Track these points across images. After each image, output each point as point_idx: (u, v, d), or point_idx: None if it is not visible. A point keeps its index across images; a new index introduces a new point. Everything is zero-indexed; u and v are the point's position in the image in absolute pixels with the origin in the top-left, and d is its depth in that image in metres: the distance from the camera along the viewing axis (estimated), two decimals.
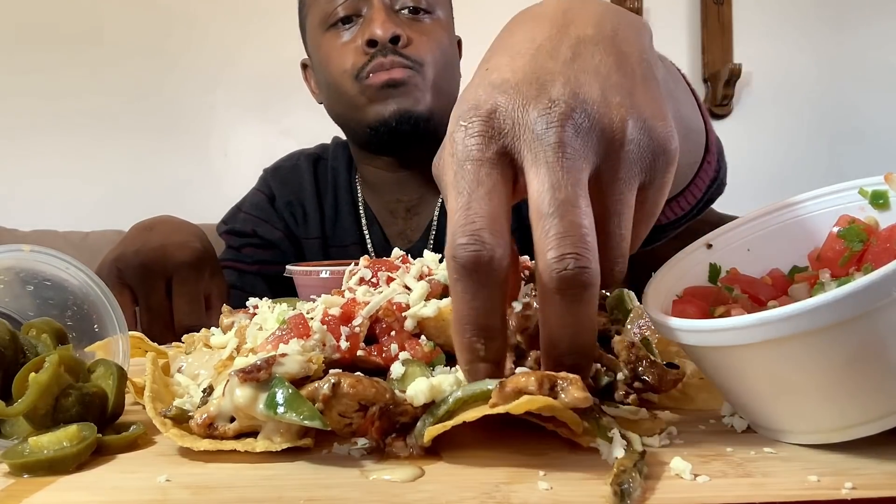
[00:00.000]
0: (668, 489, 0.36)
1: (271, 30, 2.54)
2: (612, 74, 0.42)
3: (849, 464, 0.38)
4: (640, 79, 0.43)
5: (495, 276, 0.38)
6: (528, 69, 0.41)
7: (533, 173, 0.39)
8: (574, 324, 0.39)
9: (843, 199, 0.50)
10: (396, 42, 1.12)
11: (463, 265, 0.38)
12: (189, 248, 0.93)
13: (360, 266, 0.59)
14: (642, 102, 0.41)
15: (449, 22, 1.25)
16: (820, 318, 0.35)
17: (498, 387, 0.40)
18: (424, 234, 1.28)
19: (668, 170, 0.43)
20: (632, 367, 0.50)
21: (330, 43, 1.19)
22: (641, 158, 0.41)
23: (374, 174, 1.30)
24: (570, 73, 0.41)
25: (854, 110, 2.66)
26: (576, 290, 0.37)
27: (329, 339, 0.50)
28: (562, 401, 0.39)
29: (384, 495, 0.37)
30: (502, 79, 0.41)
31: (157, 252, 0.90)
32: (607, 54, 0.42)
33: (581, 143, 0.39)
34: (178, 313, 0.88)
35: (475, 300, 0.39)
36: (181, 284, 0.89)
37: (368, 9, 1.15)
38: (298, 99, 2.64)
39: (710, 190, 0.81)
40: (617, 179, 0.40)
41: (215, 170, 2.59)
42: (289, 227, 1.33)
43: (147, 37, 2.59)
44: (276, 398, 0.42)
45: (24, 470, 0.42)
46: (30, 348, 0.52)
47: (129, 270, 0.89)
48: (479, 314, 0.39)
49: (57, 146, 2.59)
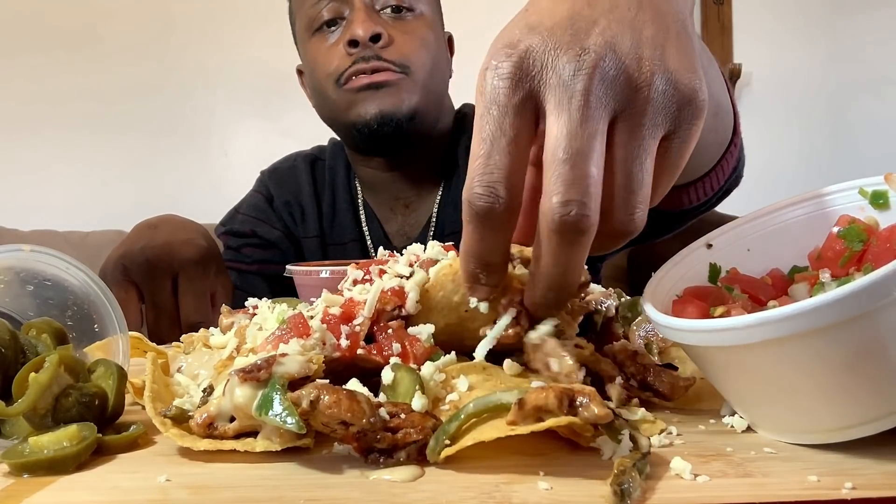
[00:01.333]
0: (668, 489, 0.36)
1: (271, 30, 2.53)
2: (646, 28, 0.43)
3: (849, 464, 0.38)
4: (674, 35, 0.44)
5: (503, 225, 0.43)
6: (565, 14, 0.43)
7: (553, 118, 0.41)
8: (565, 263, 0.42)
9: (843, 199, 0.50)
10: (377, 41, 1.12)
11: (476, 212, 0.42)
12: (194, 245, 0.93)
13: (350, 270, 0.59)
14: (672, 55, 0.43)
15: (435, 19, 1.24)
16: (820, 318, 0.35)
17: (517, 405, 0.40)
18: (423, 230, 1.28)
19: (694, 121, 0.43)
20: (640, 379, 0.50)
21: (316, 47, 1.19)
22: (666, 108, 0.42)
23: (370, 174, 1.31)
24: (605, 23, 0.42)
25: (854, 110, 2.66)
26: (573, 234, 0.40)
27: (329, 337, 0.50)
28: (582, 417, 0.39)
29: (384, 495, 0.37)
30: (539, 21, 0.43)
31: (163, 249, 0.90)
32: (644, 10, 0.44)
33: (604, 93, 0.41)
34: (185, 311, 0.88)
35: (483, 241, 0.43)
36: (187, 282, 0.89)
37: (350, 10, 1.15)
38: (298, 99, 2.63)
39: (731, 176, 0.83)
40: (640, 125, 0.42)
41: (215, 170, 2.60)
42: (287, 226, 1.33)
43: (147, 37, 2.60)
44: (271, 402, 0.42)
45: (24, 470, 0.42)
46: (30, 348, 0.52)
47: (135, 268, 0.88)
48: (483, 251, 0.44)
49: (57, 146, 2.59)
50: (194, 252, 0.91)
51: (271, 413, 0.41)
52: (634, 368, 0.50)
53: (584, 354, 0.51)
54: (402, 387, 0.46)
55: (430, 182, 1.29)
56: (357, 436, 0.41)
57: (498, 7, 2.41)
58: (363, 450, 0.42)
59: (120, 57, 2.59)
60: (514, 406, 0.40)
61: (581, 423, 0.39)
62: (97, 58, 2.58)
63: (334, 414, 0.40)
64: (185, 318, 0.88)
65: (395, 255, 0.60)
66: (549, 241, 0.41)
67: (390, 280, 0.53)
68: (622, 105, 0.42)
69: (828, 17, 2.64)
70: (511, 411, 0.40)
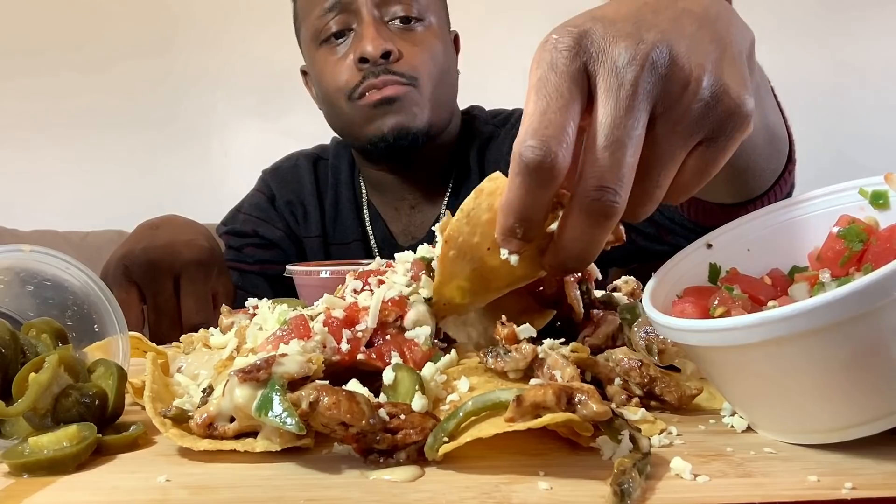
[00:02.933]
0: (668, 489, 0.36)
1: (272, 31, 2.53)
2: (703, 42, 0.45)
3: (849, 464, 0.38)
4: (729, 55, 0.45)
5: (551, 182, 0.43)
6: (630, 13, 0.45)
7: (601, 102, 0.43)
8: (588, 240, 0.45)
9: (843, 199, 0.50)
10: (388, 58, 1.12)
11: (527, 164, 0.42)
12: (196, 246, 0.93)
13: (348, 279, 0.59)
14: (725, 68, 0.44)
15: (442, 27, 1.24)
16: (820, 318, 0.35)
17: (515, 402, 0.40)
18: (430, 231, 1.28)
19: (734, 133, 0.45)
20: (647, 390, 0.50)
21: (324, 59, 1.19)
22: (709, 113, 0.43)
23: (376, 174, 1.31)
24: (666, 28, 0.44)
25: (854, 110, 2.65)
26: (602, 218, 0.43)
27: (330, 340, 0.50)
28: (581, 414, 0.39)
29: (384, 495, 0.37)
30: (603, 14, 0.45)
31: (165, 250, 0.90)
32: (704, 29, 0.45)
33: (653, 86, 0.43)
34: (186, 312, 0.88)
35: (527, 196, 0.44)
36: (189, 283, 0.89)
37: (359, 24, 1.14)
38: (298, 99, 2.62)
39: None
40: (674, 132, 0.44)
41: (215, 170, 2.59)
42: (289, 226, 1.33)
43: (147, 37, 2.59)
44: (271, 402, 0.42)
45: (24, 470, 0.42)
46: (30, 348, 0.52)
47: (137, 268, 0.88)
48: (525, 207, 0.44)
49: (57, 146, 2.59)
50: (196, 253, 0.91)
51: (271, 414, 0.41)
52: (640, 379, 0.50)
53: (580, 357, 0.51)
54: (402, 387, 0.46)
55: (437, 183, 1.29)
56: (357, 437, 0.41)
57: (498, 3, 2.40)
58: (363, 450, 0.42)
59: (120, 57, 2.58)
60: (513, 403, 0.40)
61: (579, 420, 0.39)
62: (97, 58, 2.58)
63: (334, 415, 0.40)
64: (186, 319, 0.88)
65: (392, 265, 0.60)
66: (578, 218, 0.44)
67: (390, 290, 0.53)
68: (667, 102, 0.43)
69: (828, 17, 2.63)
70: (509, 408, 0.40)
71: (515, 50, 2.53)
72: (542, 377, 0.48)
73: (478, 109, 1.37)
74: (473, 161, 1.26)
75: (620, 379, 0.51)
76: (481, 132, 1.29)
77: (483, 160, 1.26)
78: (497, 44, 2.24)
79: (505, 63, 2.24)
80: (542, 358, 0.49)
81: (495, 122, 1.32)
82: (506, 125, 1.30)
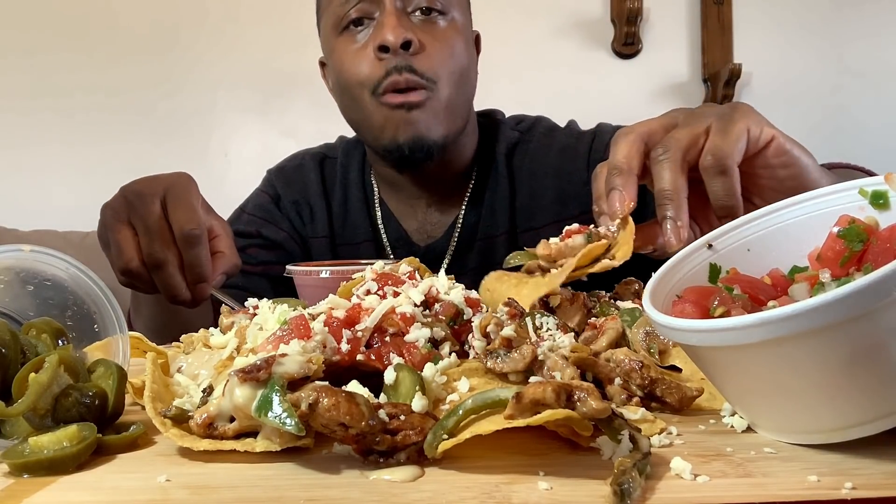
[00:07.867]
0: (668, 489, 0.36)
1: (272, 31, 2.54)
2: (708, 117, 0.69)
3: (849, 464, 0.38)
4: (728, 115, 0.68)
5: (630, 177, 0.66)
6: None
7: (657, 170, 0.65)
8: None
9: (843, 199, 0.50)
10: (408, 48, 1.10)
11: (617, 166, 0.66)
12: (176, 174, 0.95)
13: (368, 278, 0.59)
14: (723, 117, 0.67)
15: (465, 23, 1.23)
16: (820, 318, 0.35)
17: (514, 398, 0.40)
18: (448, 231, 1.26)
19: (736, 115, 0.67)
20: (648, 391, 0.50)
21: (344, 48, 1.17)
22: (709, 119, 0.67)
23: (390, 173, 1.28)
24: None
25: (854, 110, 2.65)
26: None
27: (330, 340, 0.50)
28: (580, 411, 0.39)
29: (384, 495, 0.37)
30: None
31: (148, 180, 0.93)
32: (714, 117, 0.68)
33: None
34: (177, 224, 0.87)
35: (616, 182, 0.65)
36: (175, 199, 0.89)
37: (380, 12, 1.13)
38: (299, 99, 2.65)
39: None
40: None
41: (215, 170, 2.59)
42: (294, 227, 1.31)
43: (148, 38, 2.60)
44: (270, 403, 0.42)
45: (24, 470, 0.42)
46: (30, 348, 0.52)
47: (122, 203, 0.90)
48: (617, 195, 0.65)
49: (57, 146, 2.59)
50: (177, 177, 0.93)
51: (270, 414, 0.41)
52: (641, 380, 0.50)
53: (580, 358, 0.51)
54: (403, 387, 0.46)
55: (456, 183, 1.27)
56: (356, 438, 0.41)
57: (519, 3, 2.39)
58: (362, 451, 0.42)
59: (120, 57, 2.58)
60: (512, 399, 0.40)
61: (579, 417, 0.39)
62: (97, 58, 2.58)
63: (333, 416, 0.40)
64: (178, 231, 0.86)
65: (415, 276, 0.60)
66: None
67: (402, 305, 0.53)
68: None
69: (828, 17, 2.63)
70: (508, 405, 0.40)
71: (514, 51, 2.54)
72: (543, 378, 0.48)
73: (500, 114, 1.36)
74: (502, 164, 1.25)
75: (621, 379, 0.51)
76: (507, 136, 1.29)
77: (511, 164, 1.26)
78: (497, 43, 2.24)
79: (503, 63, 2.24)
80: (541, 359, 0.49)
81: (520, 128, 1.31)
82: (531, 131, 1.30)
